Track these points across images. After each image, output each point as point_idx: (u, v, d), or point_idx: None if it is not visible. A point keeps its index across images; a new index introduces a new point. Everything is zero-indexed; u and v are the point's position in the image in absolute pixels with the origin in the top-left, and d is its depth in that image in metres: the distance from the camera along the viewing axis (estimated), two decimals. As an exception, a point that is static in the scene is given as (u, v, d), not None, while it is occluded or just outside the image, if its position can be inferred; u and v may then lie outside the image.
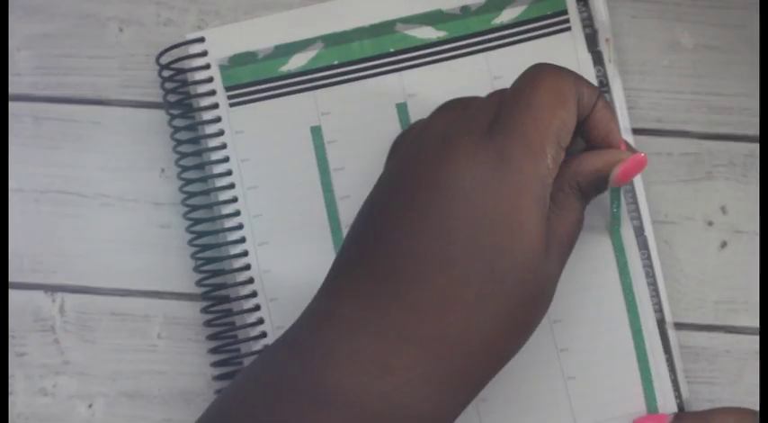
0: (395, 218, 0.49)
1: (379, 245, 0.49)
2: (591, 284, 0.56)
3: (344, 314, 0.48)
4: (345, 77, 0.57)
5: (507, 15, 0.57)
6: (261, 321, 0.56)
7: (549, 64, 0.50)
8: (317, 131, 0.57)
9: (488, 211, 0.47)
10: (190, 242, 0.57)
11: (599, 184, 0.51)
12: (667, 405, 0.56)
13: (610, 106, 0.51)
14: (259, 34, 0.57)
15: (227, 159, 0.57)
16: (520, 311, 0.48)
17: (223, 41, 0.57)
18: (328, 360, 0.47)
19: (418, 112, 0.57)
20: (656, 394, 0.56)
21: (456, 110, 0.52)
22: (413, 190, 0.49)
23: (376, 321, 0.47)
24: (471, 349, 0.47)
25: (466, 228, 0.47)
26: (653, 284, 0.56)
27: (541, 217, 0.48)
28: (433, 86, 0.57)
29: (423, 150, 0.50)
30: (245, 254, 0.57)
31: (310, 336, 0.48)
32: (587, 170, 0.50)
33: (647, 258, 0.56)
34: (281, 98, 0.57)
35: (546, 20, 0.57)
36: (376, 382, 0.47)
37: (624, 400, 0.56)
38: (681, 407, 0.56)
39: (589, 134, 0.51)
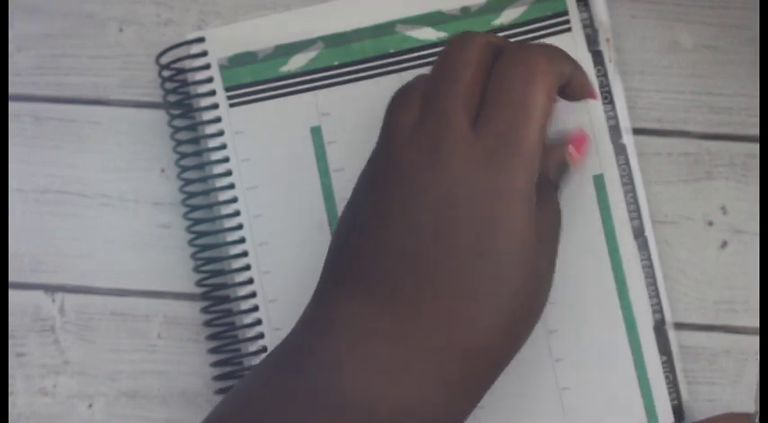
0: (390, 223, 0.49)
1: (374, 250, 0.49)
2: (588, 294, 0.56)
3: (350, 320, 0.48)
4: (345, 78, 0.57)
5: (507, 16, 0.57)
6: (259, 322, 0.56)
7: (540, 52, 0.50)
8: (317, 132, 0.57)
9: (483, 216, 0.48)
10: (190, 242, 0.57)
11: (563, 168, 0.53)
12: (665, 415, 0.55)
13: (583, 70, 0.53)
14: (259, 34, 0.57)
15: (227, 159, 0.57)
16: (522, 309, 0.49)
17: (223, 41, 0.57)
18: (340, 367, 0.47)
19: (418, 113, 0.57)
20: (654, 404, 0.56)
21: (413, 105, 0.51)
22: (404, 195, 0.49)
23: (384, 326, 0.48)
24: (482, 349, 0.48)
25: (464, 234, 0.48)
26: (653, 285, 0.56)
27: (531, 216, 0.49)
28: (433, 87, 0.57)
29: (402, 153, 0.49)
30: (244, 254, 0.57)
31: (317, 342, 0.48)
32: (551, 163, 0.53)
33: (647, 259, 0.56)
34: (281, 98, 0.57)
35: (546, 20, 0.57)
36: (391, 386, 0.47)
37: (621, 411, 0.55)
38: (680, 408, 0.56)
39: (569, 98, 0.53)
